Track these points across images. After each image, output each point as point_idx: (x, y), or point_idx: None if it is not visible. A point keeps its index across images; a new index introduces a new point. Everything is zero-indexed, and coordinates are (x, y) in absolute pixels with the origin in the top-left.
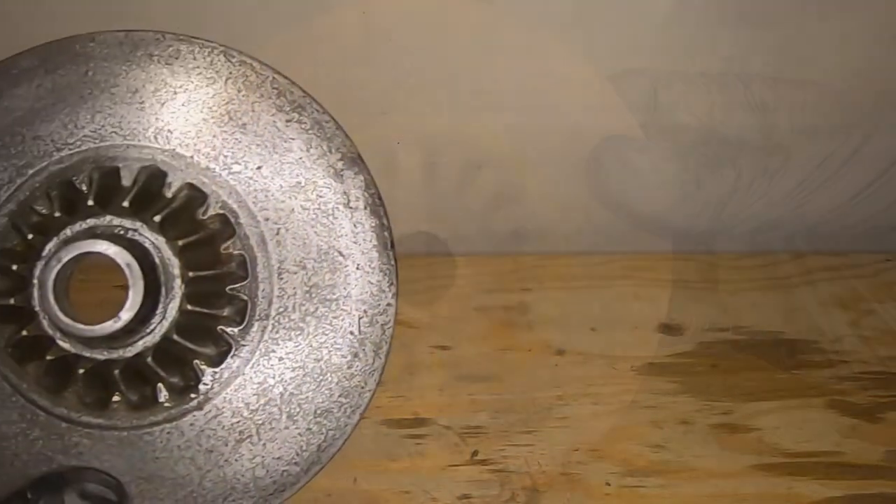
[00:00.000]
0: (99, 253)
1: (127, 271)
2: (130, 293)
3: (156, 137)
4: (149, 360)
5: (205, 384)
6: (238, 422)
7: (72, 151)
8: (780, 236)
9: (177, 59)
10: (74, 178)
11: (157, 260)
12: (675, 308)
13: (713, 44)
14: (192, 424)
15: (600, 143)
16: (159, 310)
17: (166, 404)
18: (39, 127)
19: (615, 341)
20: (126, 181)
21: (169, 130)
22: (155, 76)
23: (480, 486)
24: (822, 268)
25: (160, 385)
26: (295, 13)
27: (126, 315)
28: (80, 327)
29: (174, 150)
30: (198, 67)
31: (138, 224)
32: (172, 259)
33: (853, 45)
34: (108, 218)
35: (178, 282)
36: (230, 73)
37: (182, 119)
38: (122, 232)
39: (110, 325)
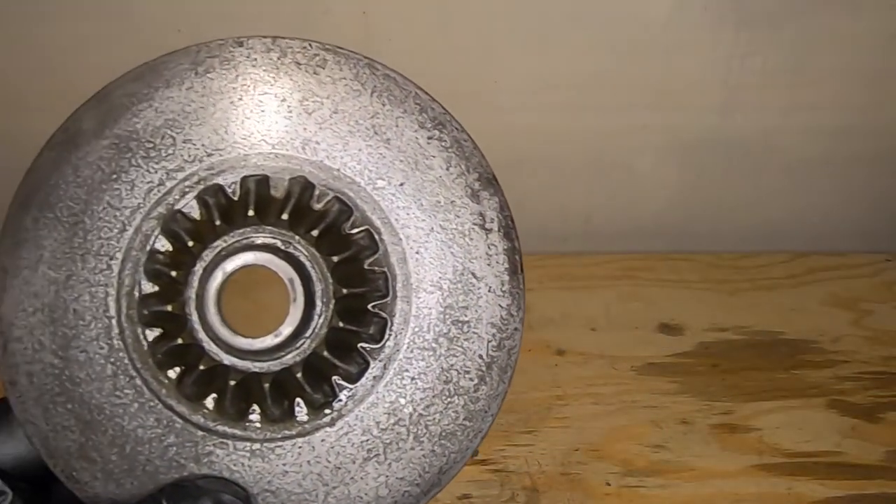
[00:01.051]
0: (263, 266)
1: (289, 286)
2: (291, 309)
3: (304, 148)
4: (298, 374)
5: (339, 401)
6: (367, 440)
7: (222, 157)
8: (781, 236)
9: (323, 68)
10: (227, 185)
11: (312, 275)
12: (675, 308)
13: (713, 44)
14: (323, 440)
15: (600, 143)
16: (311, 325)
17: (300, 419)
18: (190, 130)
19: (615, 341)
20: (276, 191)
21: (316, 141)
22: (302, 85)
23: (480, 486)
24: (822, 268)
25: (298, 399)
26: (295, 13)
27: (286, 330)
28: (241, 340)
29: (321, 161)
30: (344, 78)
31: (296, 237)
32: (326, 274)
33: (853, 45)
34: (268, 230)
35: (330, 298)
36: (375, 86)
37: (329, 131)
38: (281, 245)
39: (270, 340)
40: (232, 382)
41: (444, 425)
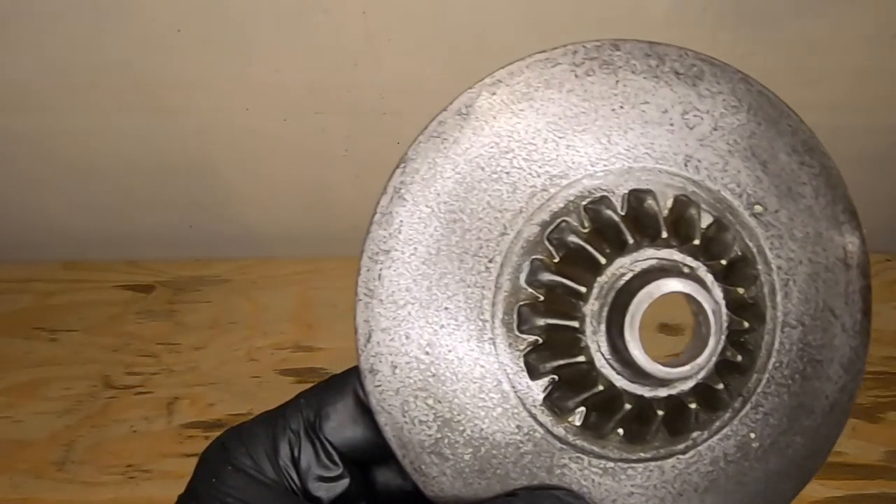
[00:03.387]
0: (689, 295)
1: (712, 318)
2: (711, 341)
3: (686, 164)
4: (692, 404)
5: (699, 431)
6: (712, 471)
7: (606, 168)
8: None
9: (701, 80)
10: (615, 199)
11: (722, 307)
12: (674, 308)
13: (713, 44)
14: (673, 466)
15: None
16: (711, 356)
17: (657, 444)
18: (573, 136)
19: None
20: (663, 211)
21: (698, 159)
22: (683, 97)
23: None
24: None
25: (661, 425)
26: (295, 13)
27: (703, 361)
28: (659, 367)
29: (702, 181)
30: (721, 92)
31: (702, 265)
32: (723, 304)
33: (853, 44)
34: (679, 255)
35: (724, 329)
36: (751, 103)
37: (709, 149)
38: (690, 271)
39: (688, 371)
40: (628, 406)
41: (782, 464)
